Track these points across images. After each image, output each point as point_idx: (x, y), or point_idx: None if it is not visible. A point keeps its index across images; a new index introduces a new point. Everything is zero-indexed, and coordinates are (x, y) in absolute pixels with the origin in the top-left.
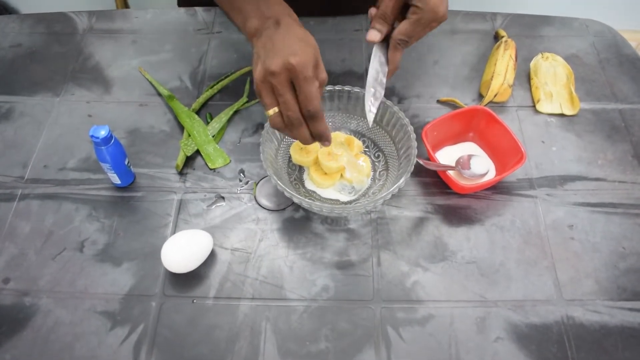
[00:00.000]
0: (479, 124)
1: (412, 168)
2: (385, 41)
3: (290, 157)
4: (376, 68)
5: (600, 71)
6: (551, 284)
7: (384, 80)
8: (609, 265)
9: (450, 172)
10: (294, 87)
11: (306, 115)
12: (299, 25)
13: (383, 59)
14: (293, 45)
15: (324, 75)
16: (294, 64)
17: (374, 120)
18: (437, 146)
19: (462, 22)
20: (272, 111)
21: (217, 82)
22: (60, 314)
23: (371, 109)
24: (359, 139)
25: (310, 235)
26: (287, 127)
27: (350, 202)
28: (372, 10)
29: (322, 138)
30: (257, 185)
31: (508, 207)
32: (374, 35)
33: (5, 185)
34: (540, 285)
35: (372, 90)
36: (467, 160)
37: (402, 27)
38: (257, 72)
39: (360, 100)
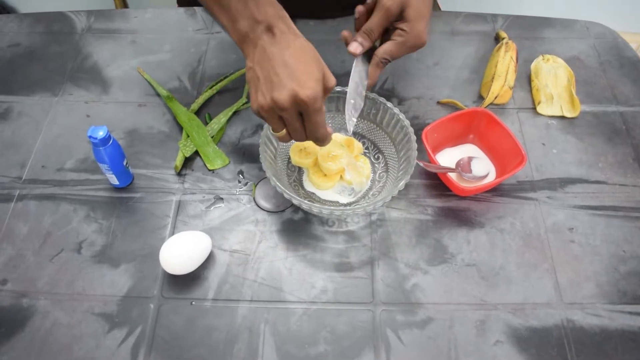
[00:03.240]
0: (480, 125)
1: (412, 170)
2: (366, 55)
3: (289, 158)
4: (356, 81)
5: (601, 73)
6: (551, 287)
7: (364, 92)
8: (610, 268)
9: (451, 174)
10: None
11: (313, 140)
12: (294, 32)
13: (363, 73)
14: (298, 69)
15: (332, 82)
16: (304, 99)
17: (374, 122)
18: (438, 148)
19: (462, 24)
20: (282, 133)
21: (216, 83)
22: (58, 315)
23: (352, 118)
24: (359, 141)
25: (310, 237)
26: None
27: (349, 204)
28: (360, 8)
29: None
30: (256, 186)
31: (508, 210)
32: (356, 48)
33: (3, 186)
34: (540, 288)
35: (352, 101)
36: (468, 163)
37: (387, 47)
38: (261, 102)
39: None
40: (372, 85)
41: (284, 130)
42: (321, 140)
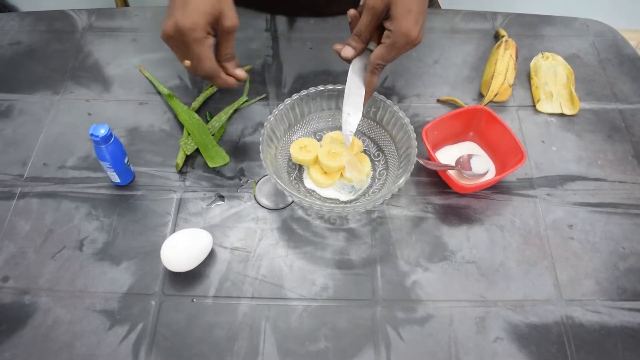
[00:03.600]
0: (479, 123)
1: (412, 167)
2: (362, 63)
3: (290, 156)
4: (354, 91)
5: (601, 71)
6: (551, 284)
7: (362, 103)
8: (609, 265)
9: (450, 172)
10: None
11: (203, 76)
12: None
13: (360, 82)
14: (189, 2)
15: (228, 23)
16: (180, 27)
17: (374, 120)
18: (437, 146)
19: (462, 22)
20: (186, 63)
21: None
22: (60, 312)
23: (349, 132)
24: (359, 138)
25: (310, 234)
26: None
27: (350, 202)
28: (352, 12)
29: (230, 87)
30: (256, 184)
31: (508, 207)
32: (348, 51)
33: (4, 184)
34: (540, 285)
35: (349, 113)
36: (467, 160)
37: (378, 52)
38: (161, 31)
39: None
40: (371, 94)
41: (188, 62)
42: (211, 77)
